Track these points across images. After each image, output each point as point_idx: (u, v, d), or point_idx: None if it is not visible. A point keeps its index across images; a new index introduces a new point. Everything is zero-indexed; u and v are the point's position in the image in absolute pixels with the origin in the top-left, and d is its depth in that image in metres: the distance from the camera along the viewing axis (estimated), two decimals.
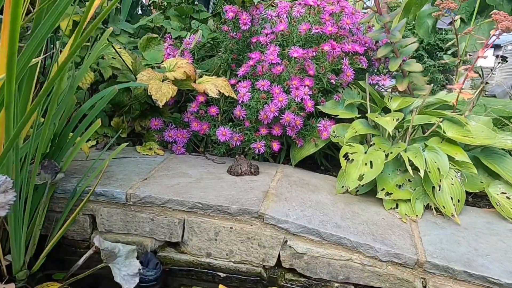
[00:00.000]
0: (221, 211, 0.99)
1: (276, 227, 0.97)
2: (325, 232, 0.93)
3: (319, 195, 1.14)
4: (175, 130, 1.41)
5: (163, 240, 1.03)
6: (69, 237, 1.07)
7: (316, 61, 1.35)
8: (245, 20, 1.45)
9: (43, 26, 0.66)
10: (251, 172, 1.23)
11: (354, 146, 1.22)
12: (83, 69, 1.02)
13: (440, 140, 1.23)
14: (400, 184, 1.16)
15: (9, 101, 0.58)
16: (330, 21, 1.37)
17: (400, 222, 1.04)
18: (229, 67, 1.52)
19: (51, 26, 0.67)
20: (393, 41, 1.34)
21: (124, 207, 1.03)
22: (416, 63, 1.40)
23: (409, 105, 1.38)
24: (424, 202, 1.13)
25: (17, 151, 0.76)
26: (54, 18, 0.67)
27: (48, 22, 0.67)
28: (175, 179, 1.14)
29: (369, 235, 0.94)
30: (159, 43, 1.62)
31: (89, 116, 1.04)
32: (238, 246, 0.99)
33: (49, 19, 0.66)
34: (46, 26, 0.67)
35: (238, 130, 1.33)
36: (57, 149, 1.02)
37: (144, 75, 1.24)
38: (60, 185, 1.04)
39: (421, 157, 1.12)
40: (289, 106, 1.25)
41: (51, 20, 0.67)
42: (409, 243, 0.93)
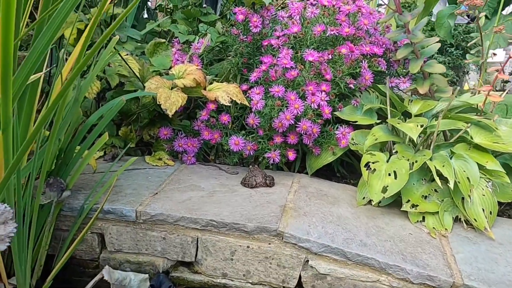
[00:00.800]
0: (237, 229, 0.93)
1: (297, 246, 0.90)
2: (351, 252, 0.86)
3: (340, 208, 1.07)
4: (185, 139, 1.35)
5: (175, 259, 0.98)
6: (77, 257, 1.02)
7: (332, 64, 1.28)
8: (255, 22, 1.38)
9: (41, 39, 0.61)
10: (266, 184, 1.16)
11: (376, 155, 1.15)
12: (89, 79, 0.97)
13: (467, 146, 1.15)
14: (426, 195, 1.09)
15: (6, 124, 0.53)
16: (347, 22, 1.30)
17: (429, 237, 0.97)
18: (240, 71, 1.46)
19: (51, 38, 0.61)
20: (414, 42, 1.26)
21: (134, 225, 0.97)
22: (438, 64, 1.32)
23: (431, 108, 1.30)
24: (453, 214, 1.05)
25: (19, 174, 0.71)
26: (53, 30, 0.61)
27: (47, 34, 0.61)
28: (186, 193, 1.08)
29: (398, 254, 0.87)
30: (167, 48, 1.56)
31: (97, 128, 0.99)
32: (255, 266, 0.93)
33: (48, 31, 0.61)
34: (45, 39, 0.61)
35: (251, 139, 1.26)
36: (63, 164, 0.96)
37: (153, 83, 1.18)
38: (67, 203, 0.99)
39: (449, 167, 1.04)
40: (305, 113, 1.18)
41: (50, 32, 0.61)
42: (442, 263, 0.85)
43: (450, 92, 1.38)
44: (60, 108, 0.74)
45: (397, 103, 1.31)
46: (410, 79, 1.39)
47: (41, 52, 0.61)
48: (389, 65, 1.44)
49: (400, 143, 1.21)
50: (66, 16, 0.62)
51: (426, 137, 1.27)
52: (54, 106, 0.59)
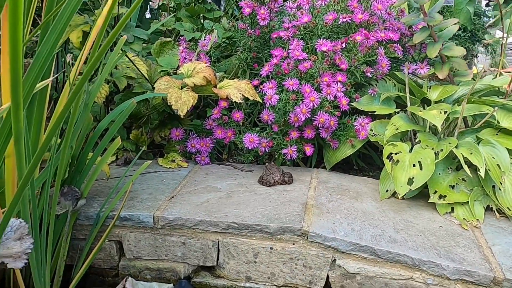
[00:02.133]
0: (259, 230, 0.89)
1: (323, 245, 0.86)
2: (381, 249, 0.82)
3: (363, 203, 1.02)
4: (197, 139, 1.31)
5: (196, 264, 0.94)
6: (95, 266, 1.00)
7: (346, 53, 1.23)
8: (263, 14, 1.34)
9: (46, 43, 0.57)
10: (284, 181, 1.12)
11: (398, 145, 1.10)
12: (98, 83, 0.93)
13: (494, 131, 1.10)
14: (453, 185, 1.04)
15: (18, 135, 0.49)
16: (359, 8, 1.24)
17: (460, 229, 0.92)
18: (249, 66, 1.42)
19: (55, 41, 0.58)
20: (432, 24, 1.20)
21: (152, 231, 0.94)
22: (457, 47, 1.27)
23: (452, 94, 1.24)
24: (484, 204, 1.00)
25: (33, 185, 0.68)
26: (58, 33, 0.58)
27: (51, 37, 0.57)
28: (204, 195, 1.04)
29: (431, 249, 0.83)
30: (173, 47, 1.53)
31: (109, 133, 0.96)
32: (280, 268, 0.89)
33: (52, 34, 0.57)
34: (49, 43, 0.58)
35: (265, 135, 1.22)
36: (77, 172, 0.93)
37: (162, 83, 1.15)
38: (82, 211, 0.96)
39: (478, 154, 0.99)
40: (321, 106, 1.14)
41: (55, 35, 0.58)
42: (479, 256, 0.81)
43: (470, 75, 1.32)
44: (72, 115, 0.70)
45: (416, 90, 1.26)
46: (427, 64, 1.33)
47: (47, 57, 0.58)
48: (405, 51, 1.38)
49: (422, 131, 1.16)
50: (69, 18, 0.58)
51: (448, 124, 1.22)
52: (65, 112, 0.56)
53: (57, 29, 0.60)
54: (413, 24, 1.29)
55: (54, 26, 0.58)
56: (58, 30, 0.58)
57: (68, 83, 0.79)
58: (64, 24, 0.60)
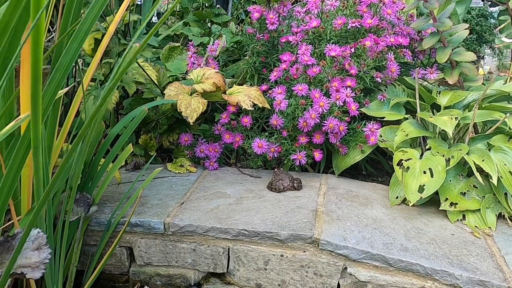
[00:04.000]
0: (269, 237, 0.89)
1: (334, 253, 0.86)
2: (392, 258, 0.81)
3: (373, 210, 1.02)
4: (206, 144, 1.32)
5: (206, 271, 0.95)
6: (106, 271, 1.00)
7: (356, 58, 1.22)
8: (272, 19, 1.34)
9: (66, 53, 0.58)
10: (293, 187, 1.12)
11: (408, 152, 1.09)
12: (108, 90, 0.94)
13: (506, 138, 1.09)
14: (464, 192, 1.03)
15: (36, 145, 0.50)
16: (368, 13, 1.24)
17: (472, 237, 0.91)
18: (257, 71, 1.42)
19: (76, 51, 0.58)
20: (441, 30, 1.20)
21: (163, 237, 0.95)
22: (467, 52, 1.25)
23: (462, 99, 1.24)
24: (496, 211, 0.99)
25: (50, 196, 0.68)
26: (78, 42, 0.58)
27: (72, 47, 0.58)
28: (213, 201, 1.05)
29: (443, 258, 0.82)
30: (182, 52, 1.53)
31: (120, 140, 0.96)
32: (291, 275, 0.89)
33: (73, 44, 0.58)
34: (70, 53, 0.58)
35: (274, 140, 1.22)
36: (88, 179, 0.94)
37: (172, 90, 1.15)
38: (94, 217, 0.97)
39: (490, 161, 0.98)
40: (331, 111, 1.14)
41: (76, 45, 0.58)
42: (492, 266, 0.80)
43: (480, 81, 1.31)
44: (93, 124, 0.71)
45: (425, 95, 1.25)
46: (437, 69, 1.32)
47: (67, 67, 0.58)
48: (414, 55, 1.38)
49: (432, 137, 1.15)
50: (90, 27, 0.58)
51: (458, 130, 1.21)
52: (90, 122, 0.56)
53: (78, 37, 0.61)
54: (422, 30, 1.28)
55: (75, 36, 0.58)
56: (79, 39, 0.58)
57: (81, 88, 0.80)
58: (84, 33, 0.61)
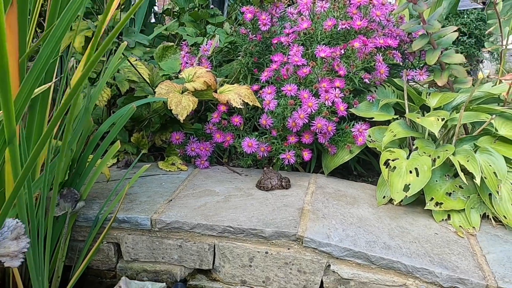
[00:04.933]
0: (254, 235, 0.90)
1: (317, 250, 0.87)
2: (374, 255, 0.82)
3: (360, 209, 1.03)
4: (197, 143, 1.33)
5: (193, 267, 0.95)
6: (94, 267, 1.01)
7: (345, 59, 1.24)
8: (264, 20, 1.35)
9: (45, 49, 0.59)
10: (282, 186, 1.13)
11: (395, 152, 1.10)
12: (99, 87, 0.95)
13: (492, 139, 1.10)
14: (450, 192, 1.04)
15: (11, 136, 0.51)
16: (358, 15, 1.25)
17: (456, 237, 0.92)
18: (250, 71, 1.43)
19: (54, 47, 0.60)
20: (431, 32, 1.21)
21: (150, 233, 0.96)
22: (457, 54, 1.27)
23: (451, 101, 1.25)
24: (480, 212, 1.00)
25: (30, 187, 0.69)
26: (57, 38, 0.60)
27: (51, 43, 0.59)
28: (202, 198, 1.06)
29: (425, 256, 0.83)
30: (175, 51, 1.55)
31: (109, 136, 0.97)
32: (275, 272, 0.90)
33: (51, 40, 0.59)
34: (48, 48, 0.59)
35: (264, 140, 1.23)
36: (76, 175, 0.95)
37: (163, 88, 1.17)
38: (82, 213, 0.98)
39: (474, 161, 0.99)
40: (319, 111, 1.15)
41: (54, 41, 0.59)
42: (473, 264, 0.81)
43: (469, 82, 1.32)
44: (69, 118, 0.72)
45: (415, 97, 1.26)
46: (427, 71, 1.33)
47: (45, 62, 0.59)
48: (404, 57, 1.39)
49: (420, 138, 1.16)
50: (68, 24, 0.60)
51: (447, 131, 1.22)
52: (61, 115, 0.58)
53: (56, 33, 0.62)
54: (412, 31, 1.30)
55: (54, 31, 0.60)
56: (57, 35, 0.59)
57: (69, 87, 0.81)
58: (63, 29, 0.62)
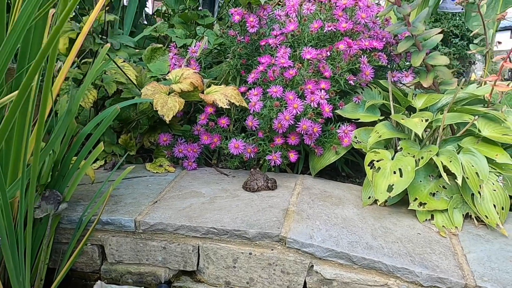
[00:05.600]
0: (238, 236, 0.90)
1: (300, 251, 0.87)
2: (356, 255, 0.83)
3: (345, 210, 1.03)
4: (185, 144, 1.33)
5: (177, 269, 0.95)
6: (78, 269, 1.01)
7: (331, 61, 1.24)
8: (252, 22, 1.36)
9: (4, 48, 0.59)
10: (268, 187, 1.14)
11: (380, 153, 1.11)
12: (82, 89, 0.95)
13: (475, 140, 1.11)
14: (433, 192, 1.05)
15: None
16: (344, 17, 1.26)
17: (438, 236, 0.93)
18: (238, 73, 1.44)
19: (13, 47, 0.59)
20: (415, 34, 1.22)
21: (134, 235, 0.95)
22: (441, 56, 1.28)
23: (436, 102, 1.26)
24: (463, 212, 1.01)
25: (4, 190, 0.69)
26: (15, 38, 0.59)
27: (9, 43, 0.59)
28: (187, 200, 1.06)
29: (406, 256, 0.84)
30: (164, 53, 1.55)
31: (92, 138, 0.97)
32: (259, 273, 0.90)
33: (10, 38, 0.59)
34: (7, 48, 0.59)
35: (251, 141, 1.24)
36: (60, 176, 0.95)
37: (149, 89, 1.17)
38: (66, 215, 0.97)
39: (457, 162, 1.00)
40: (305, 113, 1.15)
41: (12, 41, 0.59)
42: (453, 264, 0.82)
43: (455, 84, 1.33)
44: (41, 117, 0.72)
45: (401, 98, 1.27)
46: (413, 72, 1.35)
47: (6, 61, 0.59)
48: (391, 59, 1.40)
49: (406, 139, 1.17)
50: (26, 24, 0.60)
51: (432, 132, 1.23)
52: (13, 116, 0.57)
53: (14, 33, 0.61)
54: (397, 33, 1.31)
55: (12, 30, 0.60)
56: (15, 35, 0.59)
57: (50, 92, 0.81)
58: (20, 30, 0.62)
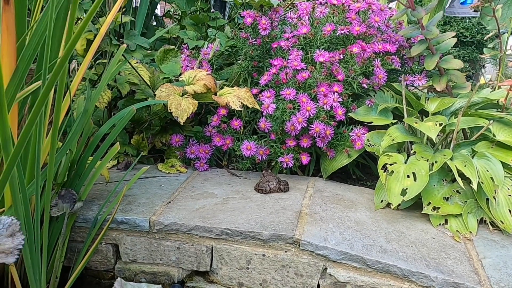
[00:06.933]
0: (252, 237, 0.90)
1: (314, 253, 0.87)
2: (370, 259, 0.83)
3: (357, 213, 1.03)
4: (197, 145, 1.34)
5: (190, 269, 0.96)
6: (92, 268, 1.02)
7: (344, 64, 1.25)
8: (264, 25, 1.37)
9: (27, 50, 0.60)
10: (280, 189, 1.14)
11: (393, 156, 1.11)
12: (98, 89, 0.96)
13: (490, 144, 1.10)
14: (447, 197, 1.04)
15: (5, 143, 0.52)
16: (357, 20, 1.26)
17: (453, 241, 0.93)
18: (250, 75, 1.45)
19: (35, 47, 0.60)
20: (429, 37, 1.22)
21: (148, 235, 0.96)
22: (455, 60, 1.28)
23: (449, 106, 1.26)
24: (478, 216, 1.01)
25: (24, 188, 0.70)
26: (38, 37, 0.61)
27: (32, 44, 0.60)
28: (200, 200, 1.06)
29: (421, 260, 0.83)
30: (176, 54, 1.56)
31: (108, 138, 0.98)
32: (272, 275, 0.90)
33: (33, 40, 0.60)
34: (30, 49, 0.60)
35: (263, 143, 1.24)
36: (76, 176, 0.96)
37: (163, 91, 1.18)
38: (81, 214, 0.98)
39: (472, 167, 1.00)
40: (318, 116, 1.16)
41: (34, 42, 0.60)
42: (469, 269, 0.81)
43: (468, 88, 1.33)
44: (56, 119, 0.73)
45: (413, 102, 1.27)
46: (425, 76, 1.34)
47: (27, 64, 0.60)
48: (403, 62, 1.40)
49: (418, 143, 1.17)
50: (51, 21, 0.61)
51: (445, 136, 1.23)
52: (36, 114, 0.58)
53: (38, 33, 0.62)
54: (411, 37, 1.31)
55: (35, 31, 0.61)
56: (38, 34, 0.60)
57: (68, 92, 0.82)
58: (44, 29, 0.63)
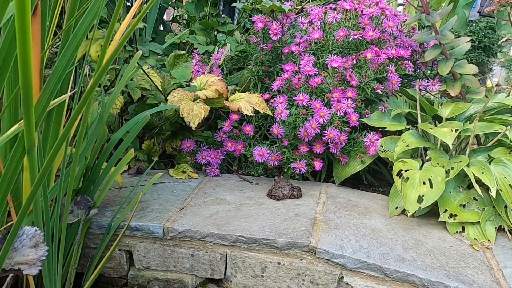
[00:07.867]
0: (267, 245, 0.89)
1: (330, 262, 0.86)
2: (389, 268, 0.81)
3: (372, 220, 1.02)
4: (208, 151, 1.33)
5: (204, 276, 0.95)
6: (105, 274, 1.01)
7: (357, 69, 1.24)
8: (275, 30, 1.36)
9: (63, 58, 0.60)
10: (293, 195, 1.13)
11: (408, 162, 1.09)
12: (113, 95, 0.96)
13: (507, 151, 1.09)
14: (464, 204, 1.03)
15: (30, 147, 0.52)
16: (370, 25, 1.26)
17: (471, 250, 0.91)
18: (260, 80, 1.44)
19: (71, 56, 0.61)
20: (444, 42, 1.21)
21: (162, 242, 0.95)
22: (469, 65, 1.26)
23: (464, 111, 1.24)
24: (496, 224, 0.99)
25: (46, 194, 0.70)
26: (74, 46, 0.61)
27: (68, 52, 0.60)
28: (213, 207, 1.06)
29: (440, 269, 0.82)
30: (187, 59, 1.56)
31: (123, 144, 0.98)
32: (287, 283, 0.89)
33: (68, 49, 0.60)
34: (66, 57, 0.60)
35: (275, 149, 1.23)
36: (90, 182, 0.96)
37: (175, 96, 1.17)
38: (95, 220, 0.98)
39: (490, 173, 0.98)
40: (331, 121, 1.15)
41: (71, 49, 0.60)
42: (490, 279, 0.79)
43: (483, 93, 1.31)
44: (82, 126, 0.73)
45: (427, 107, 1.25)
46: (439, 81, 1.33)
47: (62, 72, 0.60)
48: (416, 67, 1.39)
49: (433, 149, 1.15)
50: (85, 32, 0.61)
51: (460, 142, 1.21)
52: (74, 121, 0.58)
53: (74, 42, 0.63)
54: (424, 42, 1.30)
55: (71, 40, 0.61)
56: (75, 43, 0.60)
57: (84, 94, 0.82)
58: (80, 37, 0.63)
